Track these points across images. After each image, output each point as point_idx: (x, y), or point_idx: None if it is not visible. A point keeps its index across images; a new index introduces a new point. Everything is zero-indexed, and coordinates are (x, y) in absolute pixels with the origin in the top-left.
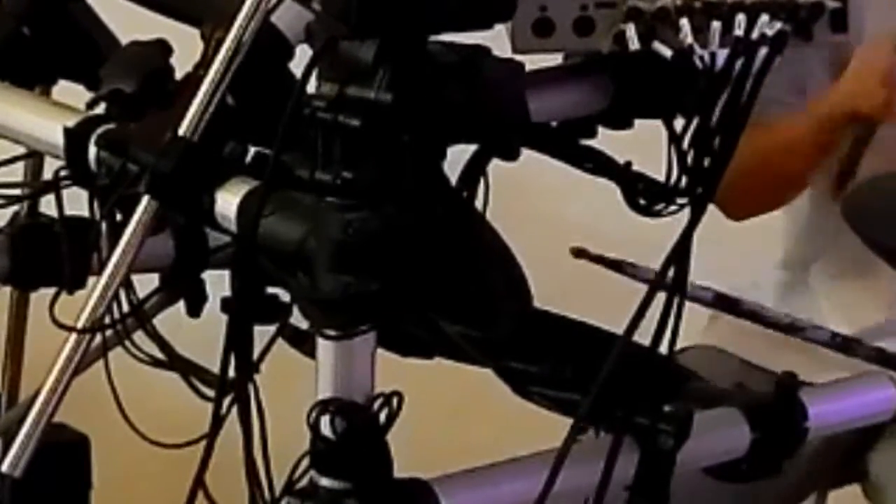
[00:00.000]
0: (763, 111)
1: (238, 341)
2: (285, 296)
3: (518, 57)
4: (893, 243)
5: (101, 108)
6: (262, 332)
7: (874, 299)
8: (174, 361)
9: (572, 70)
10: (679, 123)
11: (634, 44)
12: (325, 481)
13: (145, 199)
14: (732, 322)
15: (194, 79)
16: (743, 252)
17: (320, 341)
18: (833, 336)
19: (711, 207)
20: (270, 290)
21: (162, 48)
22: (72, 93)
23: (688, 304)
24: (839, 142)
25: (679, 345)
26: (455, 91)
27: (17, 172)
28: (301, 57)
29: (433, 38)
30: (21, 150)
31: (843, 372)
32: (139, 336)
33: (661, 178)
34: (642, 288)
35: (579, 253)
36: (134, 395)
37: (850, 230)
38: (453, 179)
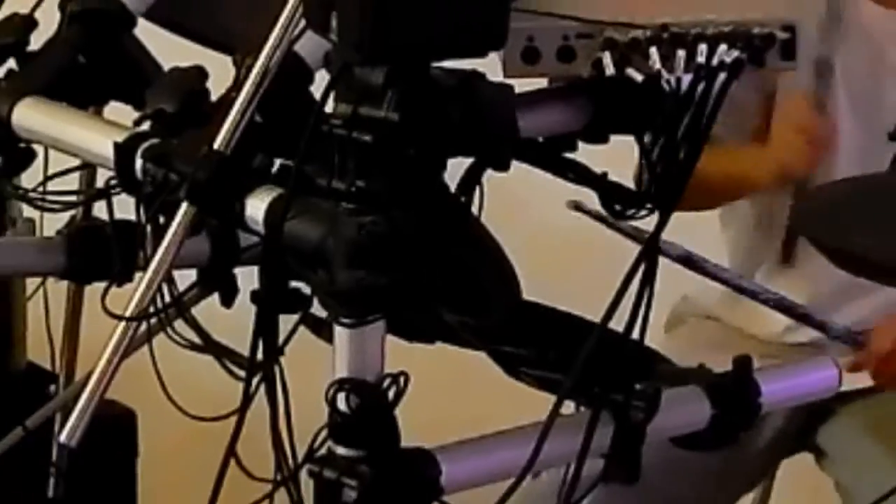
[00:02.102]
0: None
1: (265, 328)
2: (306, 289)
3: (509, 81)
4: (835, 243)
5: (146, 126)
6: (286, 321)
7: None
8: (210, 346)
9: (556, 92)
10: (648, 139)
11: (610, 70)
12: (341, 450)
13: (184, 205)
14: (687, 332)
15: (227, 100)
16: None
17: (337, 328)
18: (781, 300)
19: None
20: (293, 284)
21: (199, 73)
22: (121, 112)
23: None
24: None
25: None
26: (454, 111)
27: (73, 182)
28: (320, 81)
29: (435, 64)
30: (77, 163)
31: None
32: (179, 323)
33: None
34: (613, 278)
35: (577, 207)
36: (174, 375)
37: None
38: (452, 187)
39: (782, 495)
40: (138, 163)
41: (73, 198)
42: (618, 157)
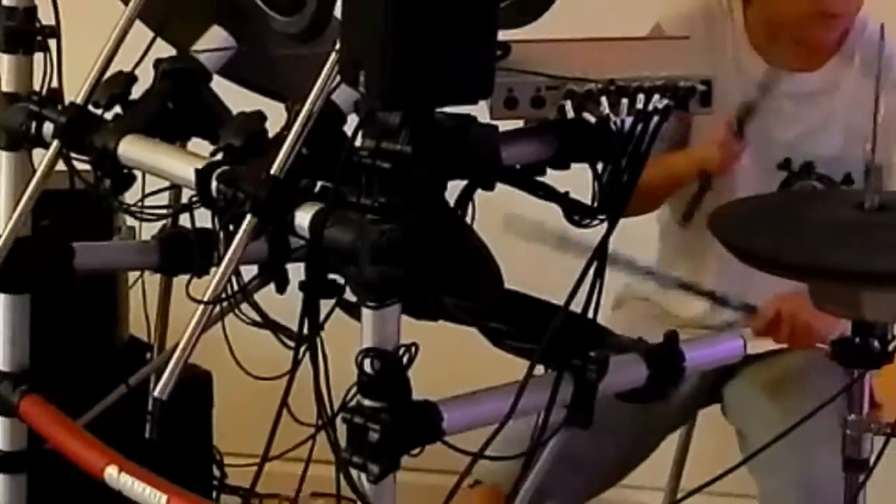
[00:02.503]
0: None
1: (309, 310)
2: (340, 280)
3: (494, 122)
4: (741, 244)
5: (219, 156)
6: (325, 304)
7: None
8: (267, 323)
9: (530, 131)
10: (600, 166)
11: (571, 114)
12: (367, 402)
13: (248, 217)
14: (629, 312)
15: (280, 137)
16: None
17: (364, 309)
18: (693, 284)
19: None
20: (331, 276)
21: (259, 116)
22: (200, 146)
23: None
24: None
25: None
26: (452, 145)
27: (163, 199)
28: (351, 122)
29: (438, 109)
30: (167, 184)
31: None
32: (244, 306)
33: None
34: (572, 272)
35: (509, 220)
36: (241, 345)
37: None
38: (451, 202)
39: (702, 437)
40: (213, 184)
41: (164, 211)
42: (576, 180)
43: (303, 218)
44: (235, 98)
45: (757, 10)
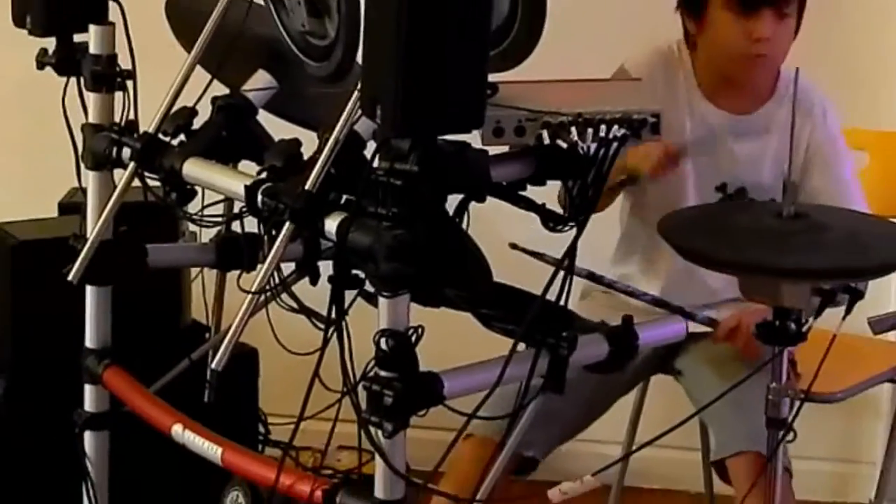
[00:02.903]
0: None
1: (337, 298)
2: (361, 274)
3: (485, 147)
4: (685, 245)
5: (264, 175)
6: (349, 294)
7: (659, 279)
8: (302, 309)
9: (513, 154)
10: (570, 183)
11: (547, 140)
12: (382, 373)
13: (287, 224)
14: (593, 301)
15: (313, 159)
16: (596, 258)
17: (380, 298)
18: (653, 298)
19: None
20: (353, 271)
21: (296, 143)
22: (248, 167)
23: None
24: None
25: None
26: (451, 165)
27: (219, 209)
28: (370, 147)
29: (439, 137)
30: (221, 197)
31: None
32: (284, 295)
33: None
34: (547, 269)
35: (514, 246)
36: (281, 327)
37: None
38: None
39: (652, 401)
40: (259, 198)
41: (219, 219)
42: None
43: (331, 224)
44: (276, 128)
45: (701, 56)
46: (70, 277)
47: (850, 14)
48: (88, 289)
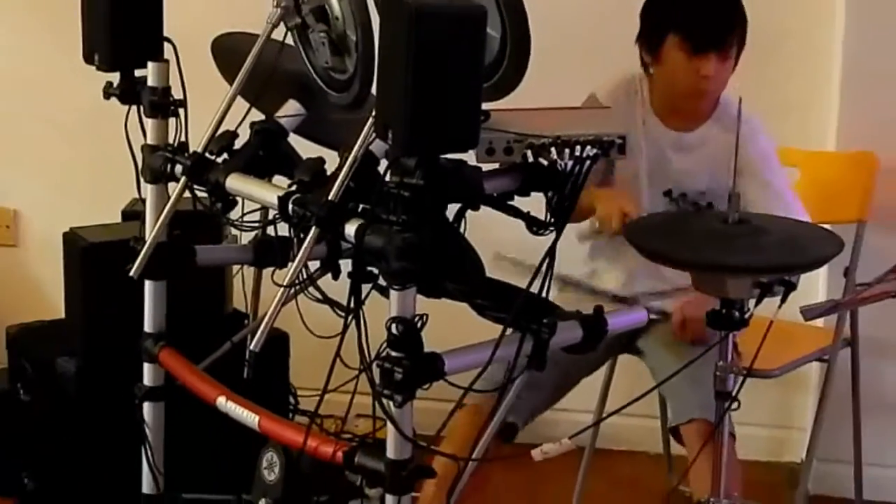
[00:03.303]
0: None
1: (355, 290)
2: (375, 270)
3: (479, 164)
4: (644, 245)
5: (294, 187)
6: (365, 287)
7: (622, 272)
8: (326, 300)
9: (503, 170)
10: (550, 195)
11: (531, 159)
12: (393, 353)
13: (314, 229)
14: (569, 293)
15: (335, 174)
16: (571, 256)
17: (391, 291)
18: (613, 295)
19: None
20: (369, 268)
21: (321, 161)
22: (281, 181)
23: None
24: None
25: None
26: (451, 179)
27: (255, 216)
28: (382, 164)
29: (441, 156)
30: (258, 206)
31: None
32: (311, 288)
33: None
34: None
35: (498, 256)
36: (309, 315)
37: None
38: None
39: (620, 377)
40: (290, 207)
41: (256, 224)
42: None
43: (350, 229)
44: (304, 148)
45: (656, 87)
46: (131, 274)
47: (782, 49)
48: (147, 283)
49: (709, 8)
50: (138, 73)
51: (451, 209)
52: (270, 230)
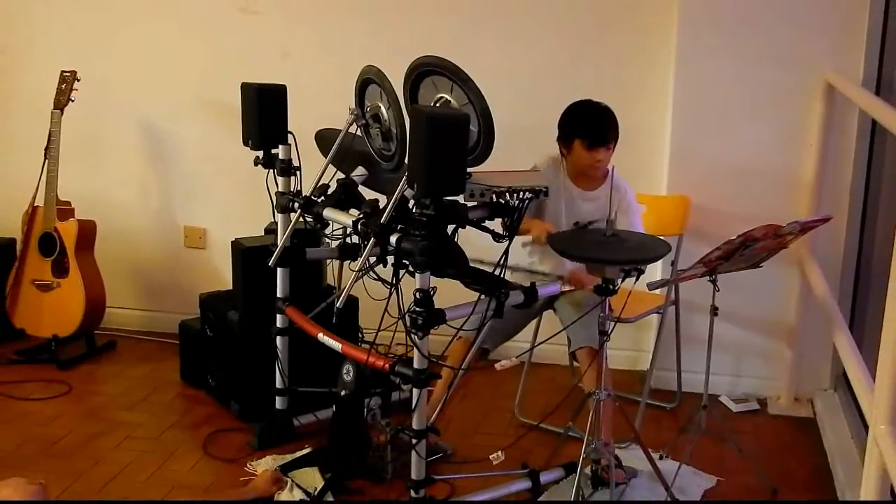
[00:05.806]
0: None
1: (395, 274)
2: (407, 262)
3: (465, 202)
4: (563, 250)
5: (361, 216)
6: (401, 271)
7: (547, 264)
8: (379, 279)
9: (479, 206)
10: (506, 220)
11: (495, 199)
12: (416, 308)
13: (372, 238)
14: (517, 275)
15: (385, 208)
16: (519, 254)
17: (416, 273)
18: (543, 273)
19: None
20: (403, 260)
21: (376, 200)
22: (353, 212)
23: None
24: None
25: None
26: (449, 211)
27: (339, 232)
28: (411, 203)
29: (444, 198)
30: (340, 227)
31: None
32: (370, 273)
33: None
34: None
35: (474, 260)
36: (369, 287)
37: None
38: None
39: (545, 323)
40: (358, 226)
41: (339, 236)
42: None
43: (393, 239)
44: (368, 193)
45: (570, 164)
46: (269, 264)
47: (636, 137)
48: (278, 269)
49: (599, 122)
50: (273, 150)
51: (450, 228)
52: (349, 239)
